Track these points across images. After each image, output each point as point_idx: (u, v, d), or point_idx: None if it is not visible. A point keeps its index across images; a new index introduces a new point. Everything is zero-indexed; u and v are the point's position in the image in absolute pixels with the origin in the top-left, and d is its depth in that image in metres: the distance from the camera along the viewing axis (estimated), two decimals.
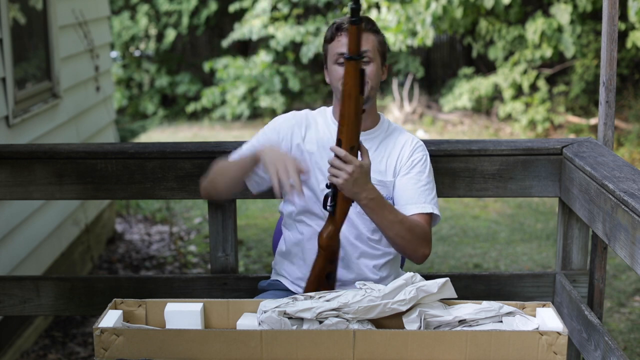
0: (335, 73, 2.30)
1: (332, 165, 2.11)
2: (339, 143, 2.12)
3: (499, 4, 8.26)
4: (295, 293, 2.37)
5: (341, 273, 2.36)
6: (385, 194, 2.32)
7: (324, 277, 2.24)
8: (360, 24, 2.02)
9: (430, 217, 2.33)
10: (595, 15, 8.80)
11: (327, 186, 2.17)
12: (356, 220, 2.34)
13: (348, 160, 2.10)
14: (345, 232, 2.34)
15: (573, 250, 2.81)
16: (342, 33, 2.29)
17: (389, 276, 2.42)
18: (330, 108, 2.44)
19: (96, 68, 5.54)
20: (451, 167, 2.76)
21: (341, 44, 2.27)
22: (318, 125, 2.40)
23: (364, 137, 2.29)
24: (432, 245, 5.82)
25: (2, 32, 3.89)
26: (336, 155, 2.11)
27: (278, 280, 2.48)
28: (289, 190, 2.07)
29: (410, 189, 2.32)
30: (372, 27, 2.32)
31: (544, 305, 2.05)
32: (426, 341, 1.89)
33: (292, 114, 2.44)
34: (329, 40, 2.32)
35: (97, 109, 5.63)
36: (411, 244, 2.25)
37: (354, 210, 2.32)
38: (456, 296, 2.06)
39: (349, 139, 2.10)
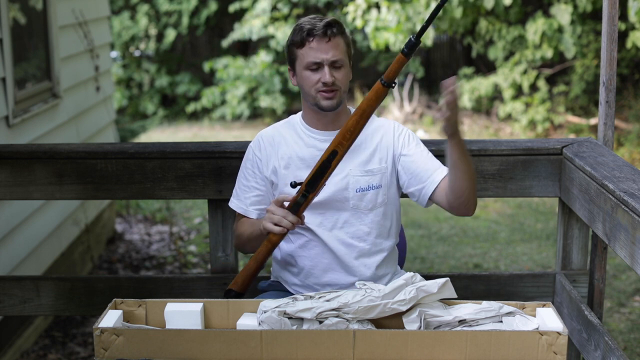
0: (307, 80, 2.29)
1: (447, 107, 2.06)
2: (333, 154, 2.17)
3: (499, 4, 8.25)
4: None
5: (340, 277, 2.36)
6: (375, 183, 2.33)
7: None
8: (409, 58, 2.08)
9: None
10: (595, 15, 8.80)
11: (293, 185, 2.19)
12: (351, 219, 2.34)
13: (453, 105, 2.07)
14: (340, 234, 2.34)
15: (573, 250, 2.81)
16: (313, 39, 2.26)
17: (387, 274, 2.42)
18: (299, 115, 2.43)
19: (96, 68, 5.54)
20: None
21: (314, 51, 2.26)
22: (287, 140, 2.39)
23: None
24: (432, 245, 5.86)
25: (2, 32, 3.89)
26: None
27: (278, 282, 2.48)
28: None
29: (423, 160, 2.34)
30: (341, 30, 2.31)
31: (544, 305, 2.05)
32: (426, 341, 1.89)
33: (260, 137, 2.43)
34: (298, 44, 2.28)
35: (97, 109, 5.63)
36: (475, 186, 2.26)
37: (346, 209, 2.33)
38: (456, 296, 2.06)
39: (345, 151, 2.16)
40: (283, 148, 2.38)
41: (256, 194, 2.40)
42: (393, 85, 2.11)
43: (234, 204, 2.45)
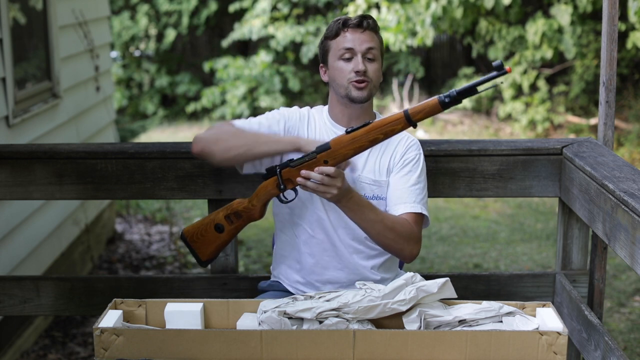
0: (340, 70, 2.28)
1: (321, 183, 2.11)
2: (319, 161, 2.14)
3: (499, 4, 8.25)
4: (295, 294, 2.37)
5: (339, 275, 2.36)
6: (380, 194, 2.32)
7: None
8: (444, 109, 2.05)
9: (420, 217, 2.30)
10: (595, 15, 8.80)
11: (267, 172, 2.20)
12: (350, 222, 2.34)
13: (336, 175, 2.11)
14: (342, 234, 2.34)
15: (573, 250, 2.81)
16: (347, 29, 2.29)
17: (389, 278, 2.41)
18: (327, 107, 2.42)
19: (96, 68, 5.54)
20: (451, 167, 2.76)
21: (347, 40, 2.28)
22: (316, 125, 2.39)
23: None
24: (432, 245, 5.86)
25: (2, 32, 3.89)
26: (324, 174, 2.10)
27: (278, 281, 2.48)
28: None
29: (400, 188, 2.30)
30: (376, 27, 2.33)
31: (544, 305, 2.05)
32: (426, 341, 1.89)
33: (296, 109, 2.42)
34: (333, 36, 2.31)
35: (97, 109, 5.63)
36: (396, 242, 2.24)
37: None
38: (456, 296, 2.06)
39: (336, 164, 2.14)
40: (312, 128, 2.38)
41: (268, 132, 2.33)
42: (415, 125, 2.08)
43: (238, 122, 2.35)
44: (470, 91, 2.02)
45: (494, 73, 1.99)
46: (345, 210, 2.19)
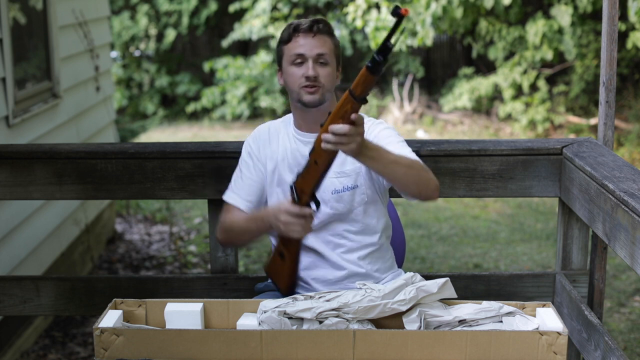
0: (291, 76, 2.29)
1: (344, 135, 1.99)
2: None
3: (499, 5, 8.25)
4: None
5: (327, 273, 2.35)
6: (350, 183, 2.30)
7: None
8: (378, 75, 1.97)
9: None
10: (595, 15, 8.80)
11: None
12: (331, 220, 2.33)
13: (359, 124, 2.00)
14: (322, 233, 2.34)
15: (573, 250, 2.81)
16: (299, 34, 2.28)
17: (377, 269, 2.39)
18: (291, 115, 2.44)
19: (96, 68, 5.54)
20: (451, 167, 2.76)
21: (298, 45, 2.27)
22: (279, 139, 2.40)
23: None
24: (432, 245, 5.86)
25: (2, 32, 3.89)
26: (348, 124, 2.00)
27: (274, 282, 2.49)
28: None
29: (391, 147, 2.21)
30: (329, 30, 2.31)
31: (544, 305, 2.05)
32: (426, 341, 1.89)
33: (258, 131, 2.45)
34: (285, 41, 2.31)
35: (97, 109, 5.63)
36: (421, 175, 2.15)
37: (325, 212, 2.31)
38: (456, 296, 2.06)
39: (324, 158, 2.10)
40: (274, 146, 2.40)
41: (248, 183, 2.40)
42: (363, 101, 2.00)
43: (228, 196, 2.44)
44: (385, 48, 1.94)
45: (396, 20, 1.90)
46: (368, 160, 2.08)
